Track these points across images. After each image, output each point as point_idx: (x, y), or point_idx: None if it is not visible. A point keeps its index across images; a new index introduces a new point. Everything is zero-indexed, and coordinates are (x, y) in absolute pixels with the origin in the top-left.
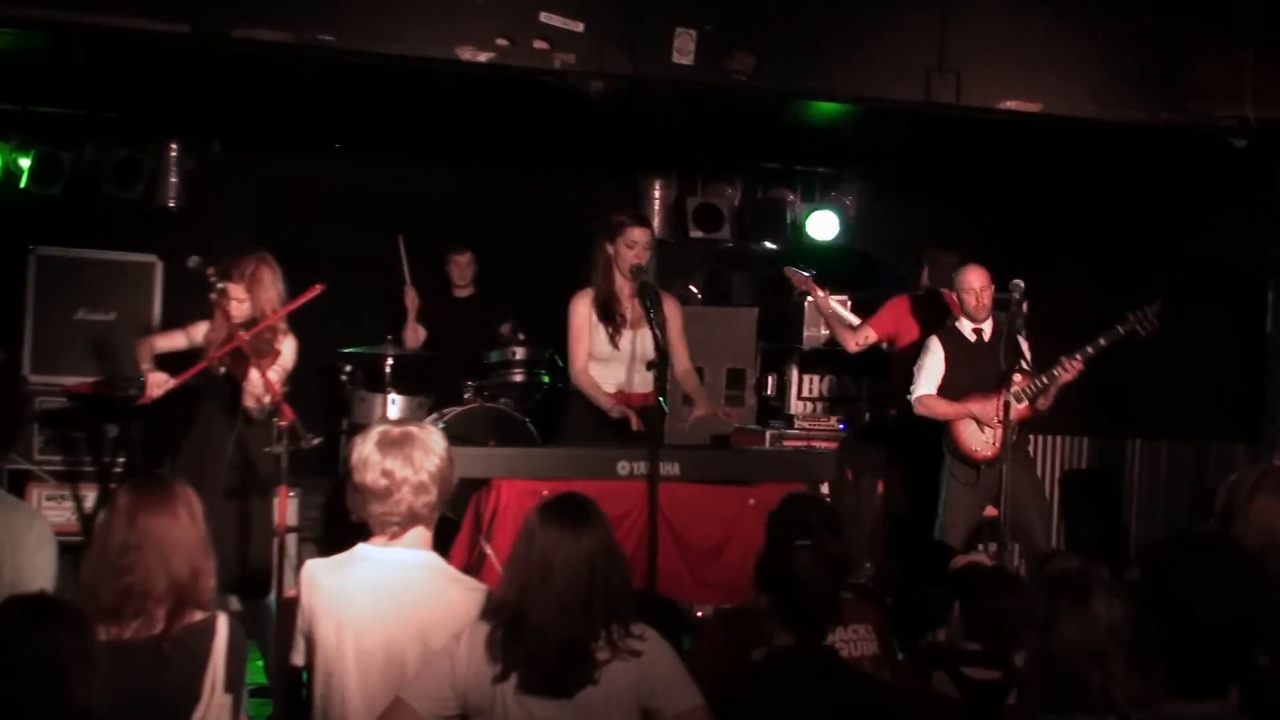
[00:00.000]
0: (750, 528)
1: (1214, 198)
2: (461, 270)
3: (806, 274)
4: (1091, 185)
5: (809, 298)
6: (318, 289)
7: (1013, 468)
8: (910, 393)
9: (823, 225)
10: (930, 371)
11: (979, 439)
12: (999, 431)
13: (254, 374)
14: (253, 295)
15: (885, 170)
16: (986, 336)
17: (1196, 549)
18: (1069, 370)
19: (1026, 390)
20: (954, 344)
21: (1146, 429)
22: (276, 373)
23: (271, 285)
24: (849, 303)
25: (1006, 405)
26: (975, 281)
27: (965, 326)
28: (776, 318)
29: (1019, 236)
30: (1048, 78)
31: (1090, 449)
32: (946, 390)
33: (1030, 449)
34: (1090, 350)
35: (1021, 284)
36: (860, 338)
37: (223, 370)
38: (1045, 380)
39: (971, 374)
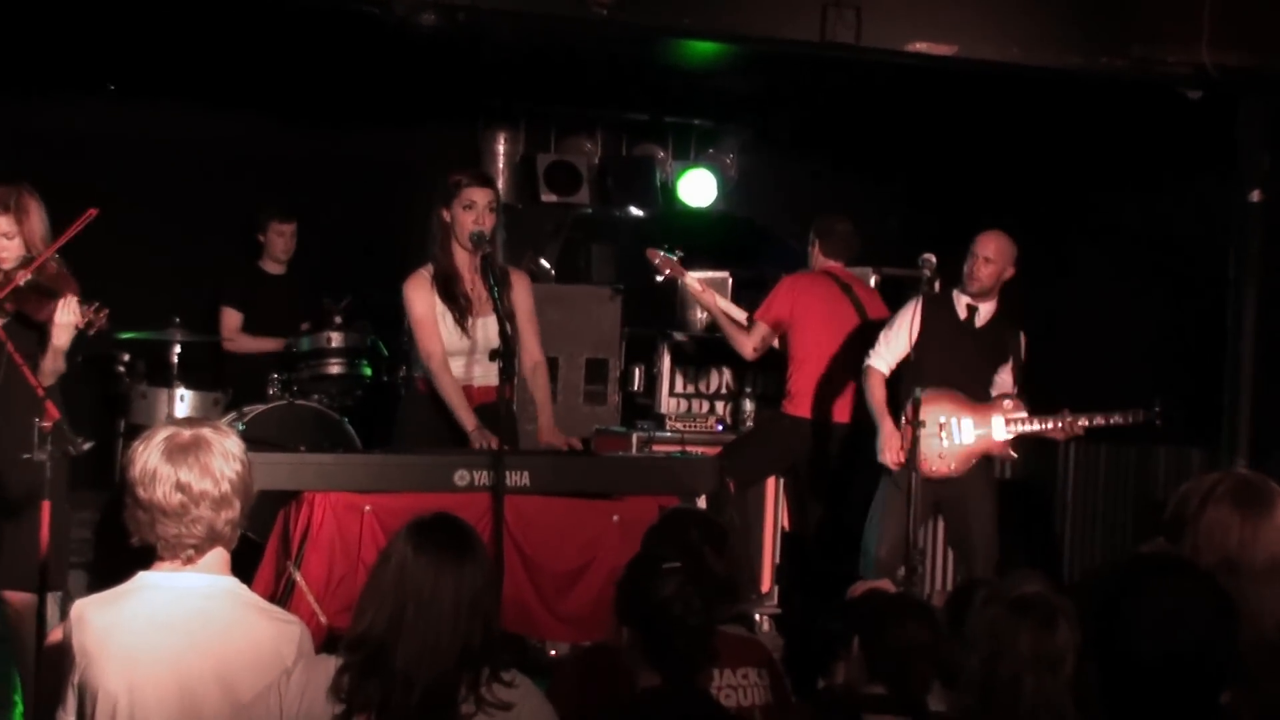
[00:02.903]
0: (614, 549)
1: (1165, 159)
2: (286, 242)
3: (672, 256)
4: (1018, 144)
5: (679, 283)
6: (91, 213)
7: (966, 485)
8: (867, 356)
9: (698, 188)
10: (893, 341)
11: (933, 446)
12: (956, 445)
13: (56, 305)
14: (22, 228)
15: (773, 124)
16: (980, 321)
17: (1145, 577)
18: (1066, 431)
19: (1016, 424)
20: (935, 314)
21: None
22: (70, 314)
23: (39, 216)
24: (729, 281)
25: (915, 405)
26: (980, 247)
27: (961, 301)
28: (645, 298)
29: (930, 204)
30: (965, 15)
31: (1019, 454)
32: (918, 373)
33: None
34: (1102, 422)
35: (933, 259)
36: (757, 340)
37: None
38: (1035, 424)
39: (954, 362)
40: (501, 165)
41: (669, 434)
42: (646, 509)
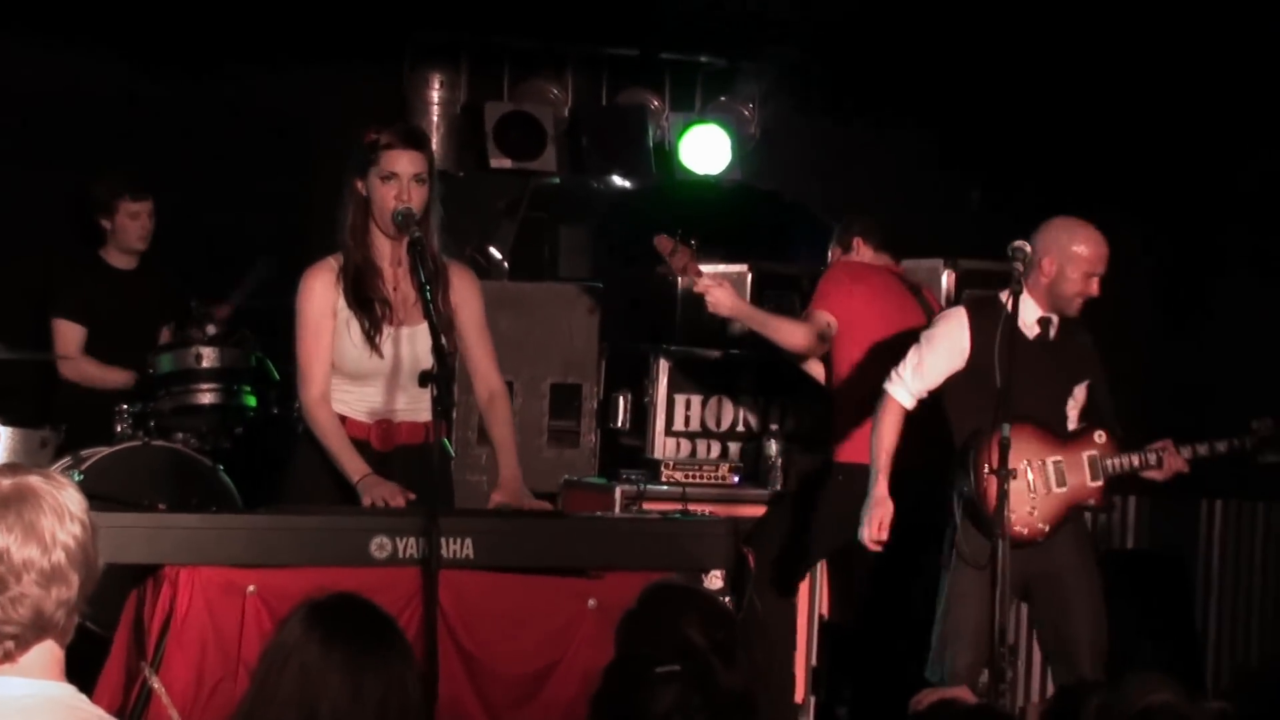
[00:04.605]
0: (589, 645)
1: None
2: (141, 226)
3: (686, 245)
4: (1141, 92)
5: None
6: None
7: (1058, 551)
8: (888, 377)
9: (707, 150)
10: (928, 363)
11: (1019, 499)
12: (1048, 496)
13: None
14: None
15: (807, 62)
16: (1053, 334)
17: None
18: (1167, 467)
19: (1109, 463)
20: (993, 327)
21: (1231, 484)
22: None
23: None
24: (749, 278)
25: (1003, 447)
26: (1103, 256)
27: (1028, 310)
28: (633, 299)
29: (1024, 173)
30: None
31: (1142, 515)
32: (972, 408)
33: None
34: (1204, 453)
35: (1028, 248)
36: (820, 323)
37: None
38: (1133, 462)
39: (1026, 387)
40: (436, 118)
41: (665, 487)
42: (633, 590)
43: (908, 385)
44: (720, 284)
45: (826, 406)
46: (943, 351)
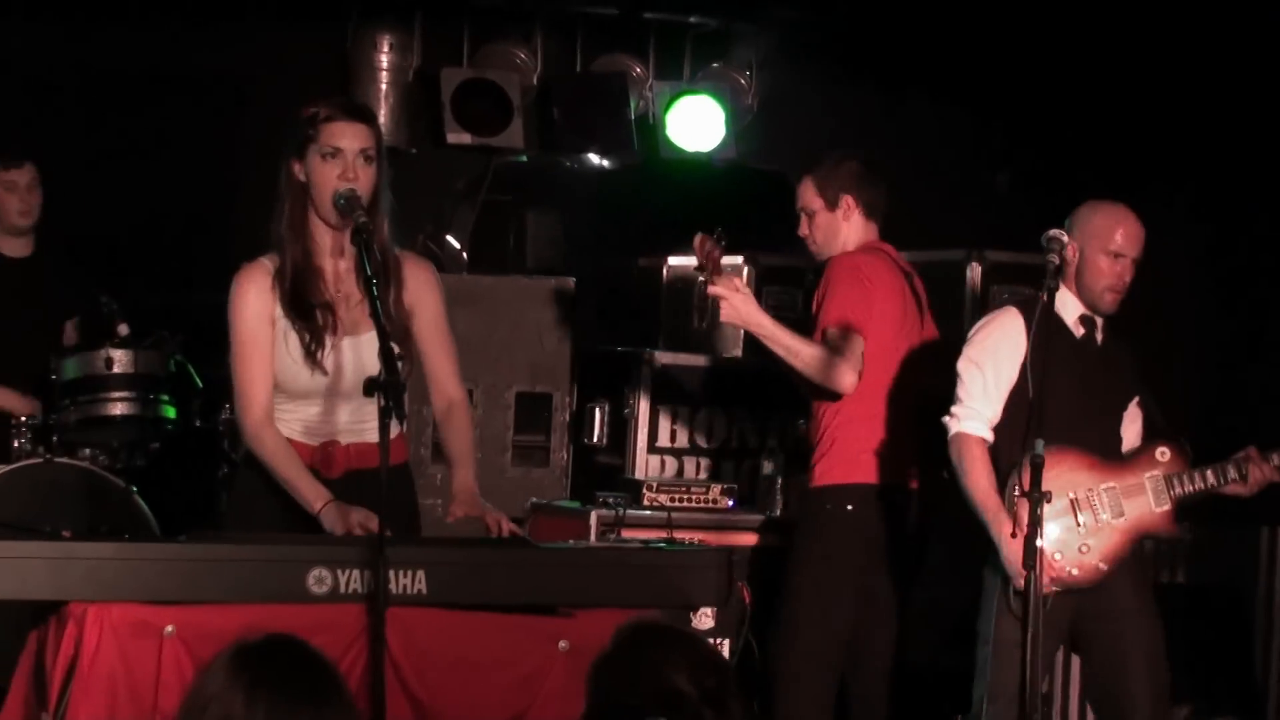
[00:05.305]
0: (559, 693)
1: None
2: (22, 200)
3: (719, 244)
4: (1200, 56)
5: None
6: None
7: (1114, 594)
8: (949, 411)
9: (697, 124)
10: (992, 381)
11: (1066, 537)
12: (1100, 529)
13: None
14: None
15: (812, 23)
16: (1099, 338)
17: None
18: (1253, 480)
19: (1178, 482)
20: (1048, 336)
21: None
22: None
23: None
24: (747, 272)
25: (1035, 469)
26: (1130, 235)
27: (1068, 308)
28: (611, 295)
29: (1061, 150)
30: None
31: (1194, 545)
32: (1020, 425)
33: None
34: None
35: (1064, 238)
36: (858, 352)
37: None
38: (1207, 479)
39: (1077, 402)
40: (385, 86)
41: (648, 512)
42: (610, 631)
43: (981, 414)
44: (738, 289)
45: (809, 422)
46: (1007, 358)
